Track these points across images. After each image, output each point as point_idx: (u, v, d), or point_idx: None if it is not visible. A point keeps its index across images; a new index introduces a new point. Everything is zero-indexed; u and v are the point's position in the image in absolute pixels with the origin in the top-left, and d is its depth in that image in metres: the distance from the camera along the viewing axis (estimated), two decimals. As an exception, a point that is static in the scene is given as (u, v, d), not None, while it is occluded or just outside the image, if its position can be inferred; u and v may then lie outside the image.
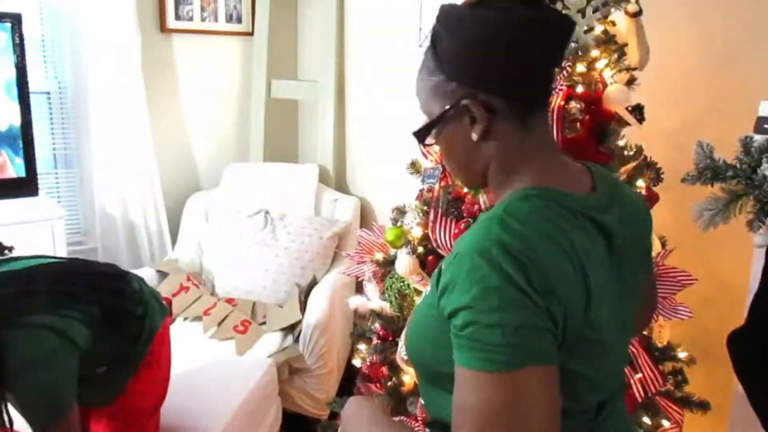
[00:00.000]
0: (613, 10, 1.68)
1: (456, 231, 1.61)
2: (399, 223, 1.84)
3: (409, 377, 1.89)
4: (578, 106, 1.59)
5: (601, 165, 1.65)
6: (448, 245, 1.62)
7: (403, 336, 1.81)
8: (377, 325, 1.95)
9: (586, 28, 1.57)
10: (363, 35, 3.13)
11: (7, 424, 1.45)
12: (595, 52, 1.65)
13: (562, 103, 1.57)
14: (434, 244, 1.67)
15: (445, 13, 0.91)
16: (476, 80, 0.88)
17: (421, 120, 1.94)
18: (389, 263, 1.83)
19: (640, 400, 1.72)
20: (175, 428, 1.98)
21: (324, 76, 3.24)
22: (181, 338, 2.60)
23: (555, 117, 1.56)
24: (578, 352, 0.83)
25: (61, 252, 2.67)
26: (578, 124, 1.61)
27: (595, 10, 1.58)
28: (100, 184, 3.05)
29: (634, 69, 1.77)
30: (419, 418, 1.71)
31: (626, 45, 1.72)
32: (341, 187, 3.34)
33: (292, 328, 2.70)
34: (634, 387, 1.70)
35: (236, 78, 3.44)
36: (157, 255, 3.18)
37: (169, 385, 1.86)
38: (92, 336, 1.54)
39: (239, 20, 3.38)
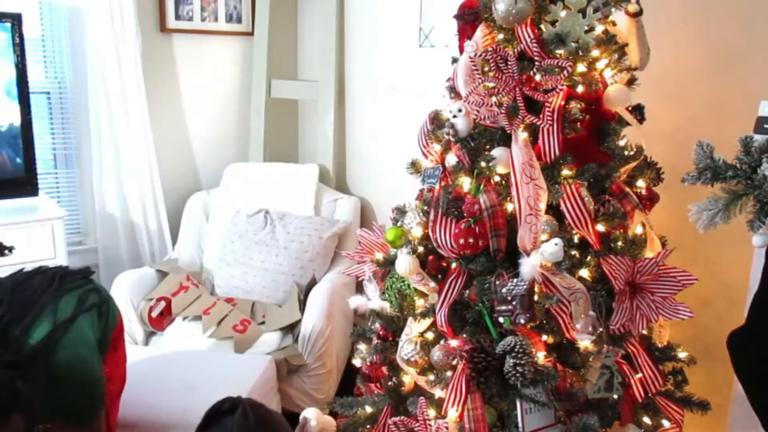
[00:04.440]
0: (613, 10, 1.68)
1: (456, 231, 1.61)
2: (399, 223, 1.84)
3: (408, 377, 1.89)
4: (578, 106, 1.59)
5: (601, 165, 1.66)
6: (448, 245, 1.62)
7: (403, 336, 1.81)
8: (377, 325, 1.95)
9: (586, 28, 1.57)
10: (363, 35, 3.13)
11: None
12: (595, 52, 1.65)
13: (563, 103, 1.57)
14: (434, 244, 1.67)
15: None
16: None
17: (420, 120, 1.93)
18: (389, 263, 1.83)
19: (640, 399, 1.72)
20: (175, 426, 1.98)
21: (324, 76, 3.24)
22: (181, 337, 2.61)
23: (555, 117, 1.56)
24: None
25: (61, 252, 2.67)
26: (578, 124, 1.61)
27: (595, 10, 1.57)
28: (100, 184, 3.06)
29: (635, 69, 1.77)
30: (419, 419, 1.71)
31: (626, 45, 1.72)
32: (341, 187, 3.34)
33: (291, 328, 2.70)
34: (634, 387, 1.70)
35: (236, 78, 3.44)
36: (157, 255, 3.18)
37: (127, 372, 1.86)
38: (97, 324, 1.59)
39: (239, 20, 3.38)
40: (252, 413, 1.33)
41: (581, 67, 1.63)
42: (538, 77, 1.57)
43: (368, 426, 1.95)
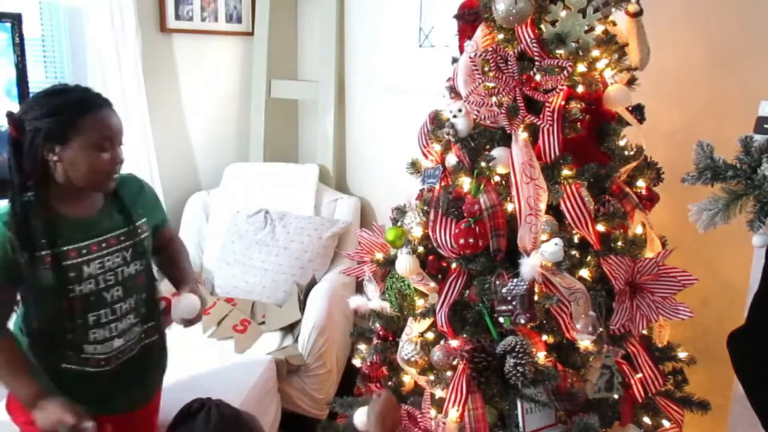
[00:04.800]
0: (613, 10, 1.68)
1: (456, 231, 1.61)
2: (399, 223, 1.84)
3: (408, 377, 1.89)
4: (578, 106, 1.59)
5: (601, 165, 1.66)
6: (449, 245, 1.62)
7: (403, 336, 1.81)
8: (377, 325, 1.95)
9: (586, 28, 1.57)
10: (363, 35, 3.13)
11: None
12: (595, 52, 1.65)
13: (563, 103, 1.57)
14: (434, 244, 1.67)
15: None
16: None
17: (420, 120, 1.93)
18: (389, 263, 1.83)
19: (640, 399, 1.72)
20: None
21: (324, 76, 3.24)
22: (181, 337, 2.61)
23: (555, 117, 1.56)
24: None
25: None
26: (578, 124, 1.61)
27: (595, 10, 1.58)
28: (100, 184, 3.05)
29: (635, 69, 1.77)
30: (424, 413, 1.71)
31: (627, 45, 1.72)
32: (341, 187, 3.34)
33: (291, 328, 2.70)
34: (634, 387, 1.70)
35: (236, 78, 3.43)
36: (157, 255, 3.18)
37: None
38: None
39: (239, 20, 3.38)
40: (216, 413, 1.33)
41: (581, 67, 1.63)
42: (538, 77, 1.57)
43: (368, 426, 1.95)
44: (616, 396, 1.66)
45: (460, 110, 1.70)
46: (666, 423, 1.80)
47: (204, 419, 1.31)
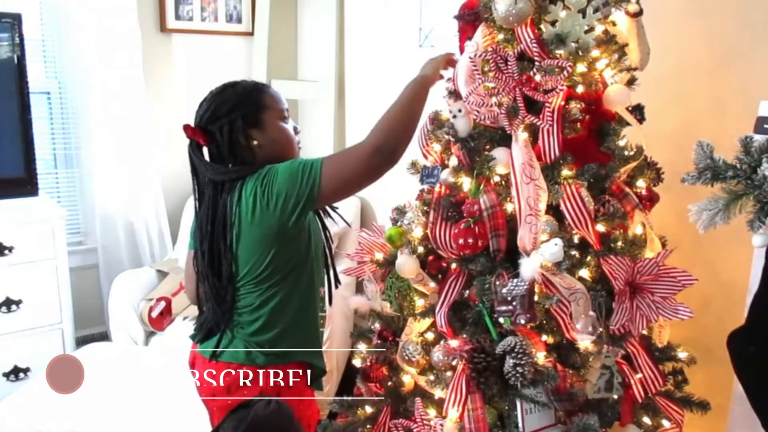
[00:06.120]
0: (613, 10, 1.68)
1: (456, 231, 1.61)
2: (399, 223, 1.84)
3: (408, 377, 1.89)
4: (578, 106, 1.59)
5: (601, 165, 1.66)
6: (448, 246, 1.62)
7: (403, 336, 1.81)
8: (377, 325, 1.95)
9: (586, 28, 1.57)
10: (363, 35, 3.13)
11: None
12: (595, 52, 1.65)
13: (563, 103, 1.57)
14: (434, 245, 1.67)
15: None
16: None
17: (420, 120, 1.91)
18: (389, 263, 1.83)
19: (640, 400, 1.72)
20: (176, 425, 1.98)
21: (324, 76, 3.24)
22: (181, 337, 2.61)
23: (555, 117, 1.56)
24: None
25: (61, 252, 2.66)
26: (578, 124, 1.60)
27: (595, 10, 1.57)
28: (100, 184, 3.06)
29: (635, 69, 1.77)
30: (417, 420, 1.71)
31: (626, 45, 1.72)
32: (341, 187, 3.34)
33: (292, 328, 2.70)
34: (634, 387, 1.70)
35: (236, 78, 3.43)
36: (157, 255, 3.18)
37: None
38: None
39: (239, 20, 3.38)
40: (275, 402, 1.33)
41: (581, 67, 1.63)
42: (538, 77, 1.57)
43: (368, 426, 1.95)
44: (615, 396, 1.66)
45: (459, 110, 1.70)
46: (666, 423, 1.80)
47: (264, 403, 1.32)
